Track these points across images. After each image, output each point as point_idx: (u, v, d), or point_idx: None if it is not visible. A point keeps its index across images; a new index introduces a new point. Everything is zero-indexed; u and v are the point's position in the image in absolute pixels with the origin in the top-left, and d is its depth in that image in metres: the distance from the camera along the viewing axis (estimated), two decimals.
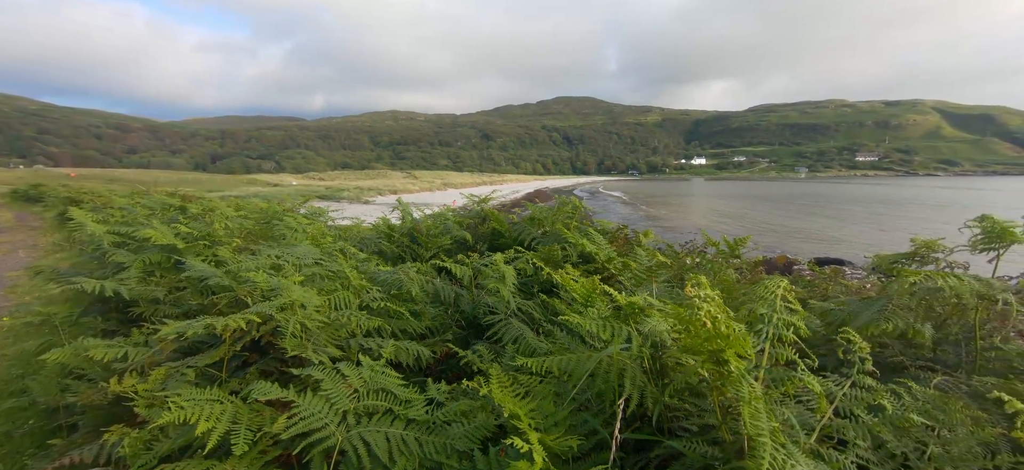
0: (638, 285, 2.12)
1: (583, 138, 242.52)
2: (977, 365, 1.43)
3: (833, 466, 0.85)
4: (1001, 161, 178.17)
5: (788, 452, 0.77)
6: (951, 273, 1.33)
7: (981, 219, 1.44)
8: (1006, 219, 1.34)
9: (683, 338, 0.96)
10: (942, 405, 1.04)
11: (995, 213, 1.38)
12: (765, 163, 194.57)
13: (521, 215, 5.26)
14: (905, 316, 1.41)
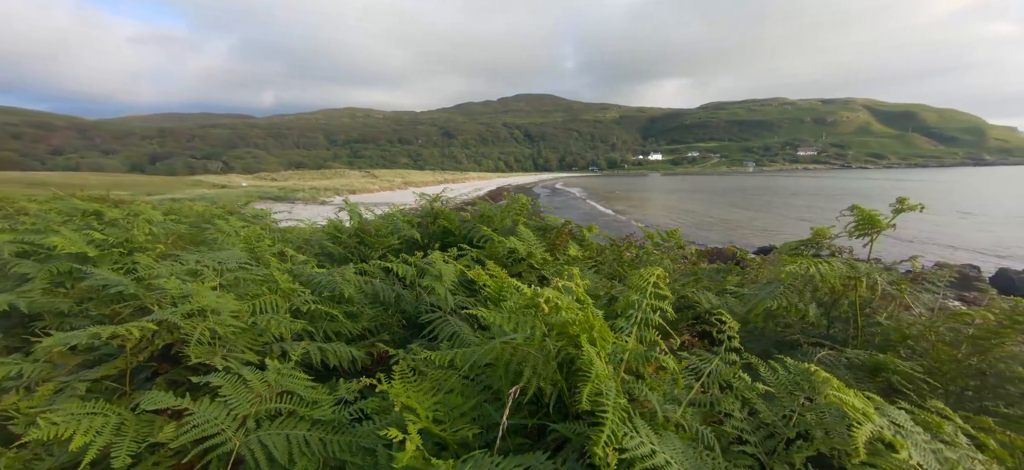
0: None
1: (544, 135, 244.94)
2: (860, 339, 1.59)
3: (684, 436, 0.93)
4: (921, 154, 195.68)
5: (634, 426, 0.84)
6: (822, 259, 1.47)
7: (852, 208, 1.60)
8: (872, 209, 1.49)
9: (555, 326, 1.02)
10: (807, 376, 1.16)
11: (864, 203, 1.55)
12: (716, 158, 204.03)
13: (475, 212, 5.27)
14: (790, 297, 1.55)
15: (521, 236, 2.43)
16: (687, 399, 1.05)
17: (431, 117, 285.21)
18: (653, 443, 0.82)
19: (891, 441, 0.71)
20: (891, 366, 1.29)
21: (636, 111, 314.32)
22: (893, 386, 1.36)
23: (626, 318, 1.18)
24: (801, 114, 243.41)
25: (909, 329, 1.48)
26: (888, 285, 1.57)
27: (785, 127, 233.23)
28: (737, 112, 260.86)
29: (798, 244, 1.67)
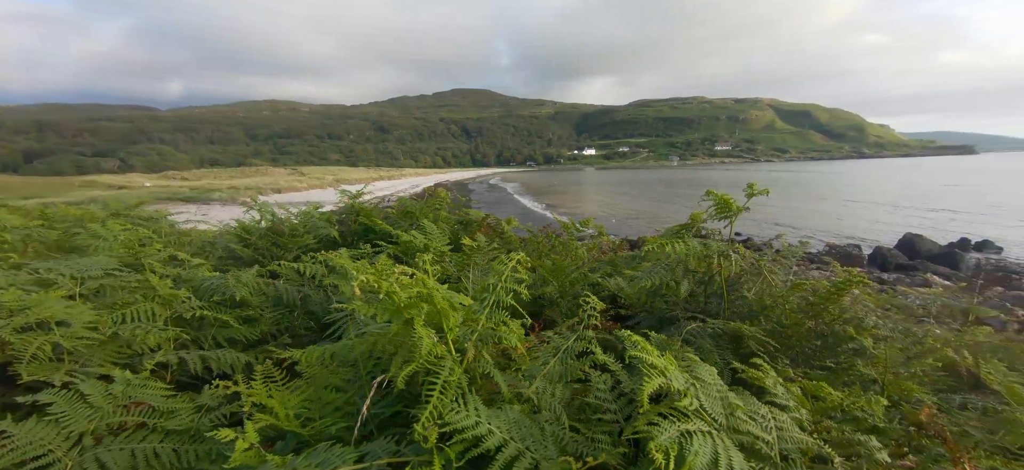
0: (461, 270, 2.22)
1: (481, 130, 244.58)
2: (727, 312, 1.77)
3: (525, 408, 0.99)
4: (816, 148, 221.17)
5: (465, 402, 0.88)
6: (680, 239, 1.62)
7: (708, 194, 1.78)
8: (725, 193, 1.68)
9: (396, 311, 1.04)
10: (665, 345, 1.28)
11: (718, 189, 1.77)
12: (645, 153, 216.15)
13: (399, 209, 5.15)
14: (664, 276, 1.70)
15: (424, 230, 2.42)
16: (542, 373, 1.12)
17: (363, 111, 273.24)
18: (479, 416, 0.86)
19: (679, 390, 0.81)
20: (745, 333, 1.46)
21: (570, 107, 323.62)
22: (751, 351, 1.54)
23: (480, 301, 1.22)
24: (717, 112, 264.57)
25: (765, 300, 1.69)
26: (745, 261, 1.78)
27: (704, 124, 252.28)
28: (662, 109, 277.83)
29: (678, 228, 1.83)
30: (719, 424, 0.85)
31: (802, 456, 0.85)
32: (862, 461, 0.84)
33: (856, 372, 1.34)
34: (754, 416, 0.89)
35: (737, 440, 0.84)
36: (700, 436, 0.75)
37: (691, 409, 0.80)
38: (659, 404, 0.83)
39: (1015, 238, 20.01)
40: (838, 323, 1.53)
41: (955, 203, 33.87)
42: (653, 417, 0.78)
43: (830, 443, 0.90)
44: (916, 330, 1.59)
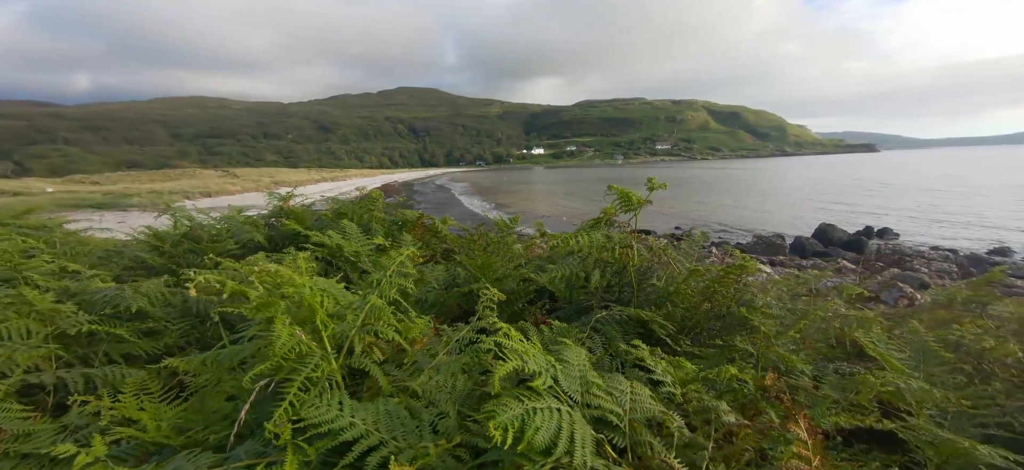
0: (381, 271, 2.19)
1: (429, 130, 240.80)
2: (636, 299, 1.87)
3: (401, 400, 1.01)
4: (745, 147, 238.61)
5: (330, 397, 0.88)
6: (584, 233, 1.71)
7: (610, 189, 1.89)
8: (627, 188, 1.78)
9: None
10: (567, 333, 1.34)
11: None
12: (591, 152, 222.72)
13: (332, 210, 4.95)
14: (573, 267, 1.77)
15: (344, 231, 2.35)
16: (430, 366, 1.13)
17: (303, 109, 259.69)
18: (343, 411, 0.86)
19: (534, 372, 0.86)
20: (645, 318, 1.56)
21: (519, 107, 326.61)
22: (656, 334, 1.64)
23: (363, 296, 1.22)
24: (657, 113, 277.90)
25: (669, 287, 1.81)
26: (652, 252, 1.90)
27: (645, 124, 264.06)
28: (606, 110, 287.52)
29: (592, 222, 1.91)
30: (575, 401, 0.90)
31: (654, 422, 0.93)
32: (711, 425, 0.93)
33: (738, 347, 1.47)
34: (612, 391, 0.96)
35: (590, 415, 0.90)
36: (544, 412, 0.80)
37: (543, 388, 0.84)
38: (519, 387, 0.87)
39: (908, 227, 22.70)
40: (732, 304, 1.67)
41: (859, 196, 37.91)
42: (506, 399, 0.81)
43: (691, 409, 0.99)
44: (802, 307, 1.77)
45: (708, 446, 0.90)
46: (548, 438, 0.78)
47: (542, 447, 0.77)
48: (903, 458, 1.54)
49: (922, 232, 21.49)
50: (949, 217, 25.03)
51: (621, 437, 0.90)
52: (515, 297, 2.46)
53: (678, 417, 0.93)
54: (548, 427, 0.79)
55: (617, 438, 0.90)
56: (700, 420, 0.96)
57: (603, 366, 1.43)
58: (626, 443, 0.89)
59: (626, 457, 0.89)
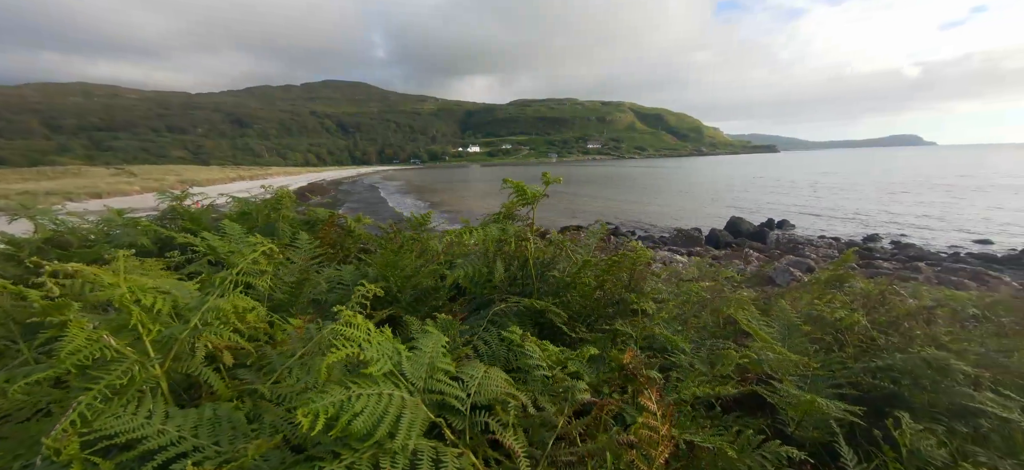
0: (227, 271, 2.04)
1: (360, 126, 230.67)
2: (537, 291, 1.90)
3: (240, 403, 0.95)
4: (668, 146, 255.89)
5: (135, 398, 0.81)
6: (479, 228, 1.71)
7: (506, 182, 1.91)
8: (521, 182, 1.80)
9: None
10: (449, 327, 1.33)
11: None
12: (527, 150, 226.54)
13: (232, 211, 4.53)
14: (475, 263, 1.77)
15: (227, 232, 2.15)
16: (283, 366, 1.06)
17: (214, 101, 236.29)
18: (147, 419, 0.78)
19: (369, 359, 0.84)
20: (542, 307, 1.59)
21: (454, 104, 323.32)
22: (553, 324, 1.67)
23: (204, 295, 1.13)
24: (588, 113, 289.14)
25: (567, 278, 1.86)
26: (553, 245, 1.95)
27: (577, 124, 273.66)
28: (540, 109, 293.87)
29: (496, 216, 1.90)
30: (416, 387, 0.89)
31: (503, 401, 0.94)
32: (567, 402, 0.96)
33: (619, 330, 1.54)
34: (462, 377, 0.96)
35: (431, 399, 0.90)
36: (369, 398, 0.78)
37: (379, 374, 0.83)
38: (354, 375, 0.84)
39: (801, 220, 25.68)
40: (622, 291, 1.76)
41: (763, 192, 42.27)
42: (332, 387, 0.78)
43: (559, 389, 1.02)
44: (685, 291, 1.91)
45: (560, 421, 0.93)
46: (369, 424, 0.76)
47: (362, 433, 0.75)
48: (773, 419, 1.72)
49: (813, 224, 24.45)
50: (832, 211, 28.73)
51: (461, 420, 0.90)
52: (428, 295, 2.40)
53: (524, 397, 0.95)
54: (371, 412, 0.77)
55: (457, 421, 0.91)
56: (560, 399, 0.99)
57: (497, 356, 1.43)
58: (465, 425, 0.89)
59: (463, 438, 0.89)
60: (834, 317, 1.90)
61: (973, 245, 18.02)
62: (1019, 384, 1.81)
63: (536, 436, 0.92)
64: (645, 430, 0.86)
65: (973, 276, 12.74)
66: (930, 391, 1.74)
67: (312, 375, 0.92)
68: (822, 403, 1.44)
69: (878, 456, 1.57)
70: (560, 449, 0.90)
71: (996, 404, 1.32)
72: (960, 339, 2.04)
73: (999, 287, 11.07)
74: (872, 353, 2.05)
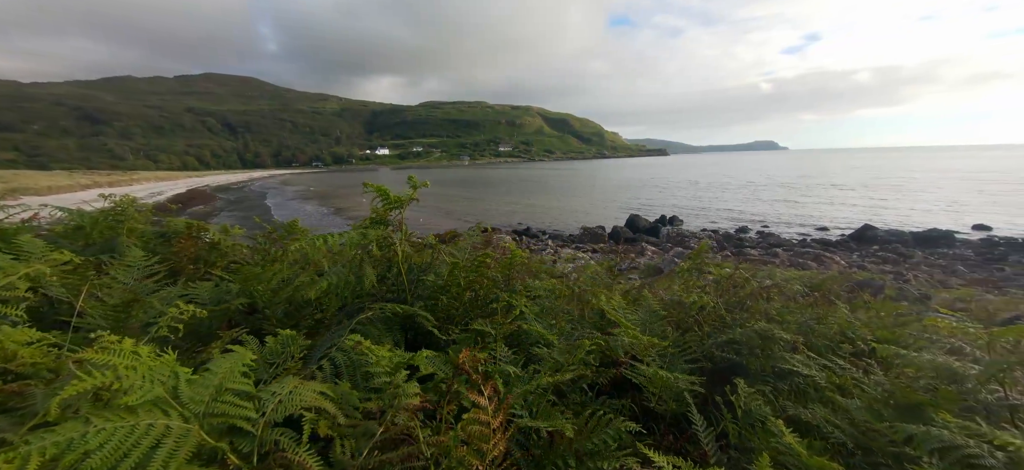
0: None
1: (250, 126, 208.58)
2: (411, 296, 1.84)
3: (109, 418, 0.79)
4: (574, 150, 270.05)
5: None
6: (334, 235, 1.63)
7: (366, 187, 1.84)
8: (384, 186, 1.75)
9: None
10: (290, 343, 1.23)
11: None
12: (438, 153, 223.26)
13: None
14: (340, 273, 1.67)
15: (23, 247, 1.76)
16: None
17: (55, 92, 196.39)
18: None
19: (123, 388, 0.75)
20: (404, 312, 1.54)
21: (359, 104, 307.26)
22: (422, 327, 1.62)
23: None
24: (498, 117, 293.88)
25: (440, 281, 1.83)
26: (427, 250, 1.92)
27: (487, 127, 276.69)
28: (450, 112, 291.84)
29: (367, 221, 1.80)
30: (196, 412, 0.81)
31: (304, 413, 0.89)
32: (399, 409, 0.94)
33: (481, 330, 1.56)
34: (261, 396, 0.89)
35: (214, 424, 0.82)
36: (109, 431, 0.68)
37: (141, 403, 0.73)
38: (108, 406, 0.73)
39: (688, 216, 28.75)
40: (496, 290, 1.78)
41: (657, 192, 46.61)
42: (68, 424, 0.67)
43: (390, 396, 0.99)
44: (552, 287, 1.99)
45: (378, 430, 0.89)
46: (111, 460, 0.65)
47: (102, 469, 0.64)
48: (640, 396, 1.85)
49: (697, 219, 27.51)
50: (711, 207, 32.66)
51: (250, 443, 0.82)
52: (302, 308, 2.20)
53: (333, 408, 0.90)
54: (116, 447, 0.66)
55: (245, 443, 0.83)
56: (387, 404, 0.95)
57: (357, 366, 1.34)
58: (252, 447, 0.82)
59: (249, 461, 0.81)
60: (689, 301, 2.11)
61: (815, 232, 21.67)
62: (826, 344, 2.16)
63: (360, 445, 0.86)
64: (475, 426, 0.85)
65: (815, 258, 15.27)
66: (761, 358, 1.99)
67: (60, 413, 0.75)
68: (672, 378, 1.57)
69: (724, 419, 1.76)
70: (372, 457, 0.85)
71: (801, 364, 1.55)
72: (787, 312, 2.38)
73: (831, 266, 13.39)
74: (721, 329, 2.30)
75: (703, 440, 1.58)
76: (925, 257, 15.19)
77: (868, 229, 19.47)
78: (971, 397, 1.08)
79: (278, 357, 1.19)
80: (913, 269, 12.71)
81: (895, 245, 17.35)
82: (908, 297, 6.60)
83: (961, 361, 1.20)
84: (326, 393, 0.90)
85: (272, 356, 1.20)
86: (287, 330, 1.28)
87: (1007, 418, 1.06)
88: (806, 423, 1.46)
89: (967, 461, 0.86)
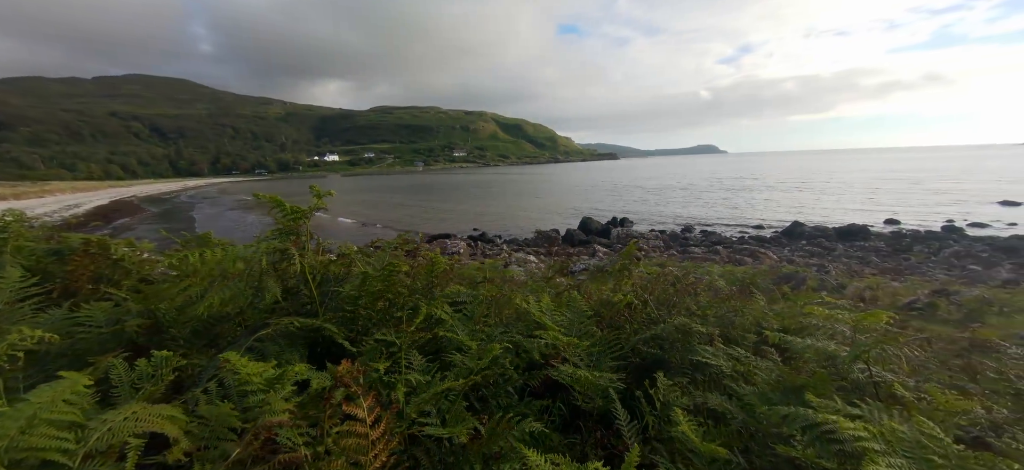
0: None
1: (184, 131, 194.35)
2: (322, 308, 1.75)
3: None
4: (528, 154, 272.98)
5: None
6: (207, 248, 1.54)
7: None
8: (278, 196, 1.67)
9: None
10: (164, 361, 1.14)
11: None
12: (391, 159, 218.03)
13: None
14: (236, 286, 1.56)
15: None
16: None
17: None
18: None
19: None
20: (304, 324, 1.46)
21: (305, 109, 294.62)
22: (333, 338, 1.55)
23: None
24: (452, 122, 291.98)
25: (355, 292, 1.76)
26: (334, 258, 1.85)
27: (442, 132, 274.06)
28: (403, 117, 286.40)
29: (271, 232, 1.70)
30: None
31: None
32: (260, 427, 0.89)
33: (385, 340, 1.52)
34: (88, 424, 0.81)
35: (18, 457, 0.74)
36: None
37: None
38: None
39: (637, 218, 29.83)
40: (415, 298, 1.74)
41: (607, 194, 48.08)
42: None
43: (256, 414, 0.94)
44: (490, 291, 1.98)
45: (233, 451, 0.84)
46: None
47: None
48: (569, 395, 1.86)
49: (645, 220, 28.60)
50: (659, 208, 34.14)
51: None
52: (214, 325, 2.04)
53: (177, 430, 0.83)
54: None
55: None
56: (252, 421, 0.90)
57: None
58: None
59: None
60: (615, 299, 2.15)
61: (752, 230, 23.16)
62: (741, 336, 2.27)
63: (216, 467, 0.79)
64: (352, 439, 0.81)
65: (751, 254, 16.28)
66: (681, 351, 2.07)
67: None
68: (591, 376, 1.59)
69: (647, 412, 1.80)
70: None
71: (711, 355, 1.61)
72: (708, 307, 2.49)
73: (765, 260, 14.32)
74: (648, 326, 2.37)
75: (625, 433, 1.61)
76: (845, 249, 16.62)
77: (797, 226, 21.05)
78: (844, 377, 1.18)
79: (148, 380, 1.08)
80: (834, 261, 13.86)
81: (820, 239, 18.85)
82: (827, 287, 7.17)
83: (838, 345, 1.31)
84: (174, 416, 0.82)
85: (142, 379, 1.09)
86: (163, 352, 1.17)
87: (872, 392, 1.16)
88: (714, 410, 1.52)
89: (826, 436, 0.93)
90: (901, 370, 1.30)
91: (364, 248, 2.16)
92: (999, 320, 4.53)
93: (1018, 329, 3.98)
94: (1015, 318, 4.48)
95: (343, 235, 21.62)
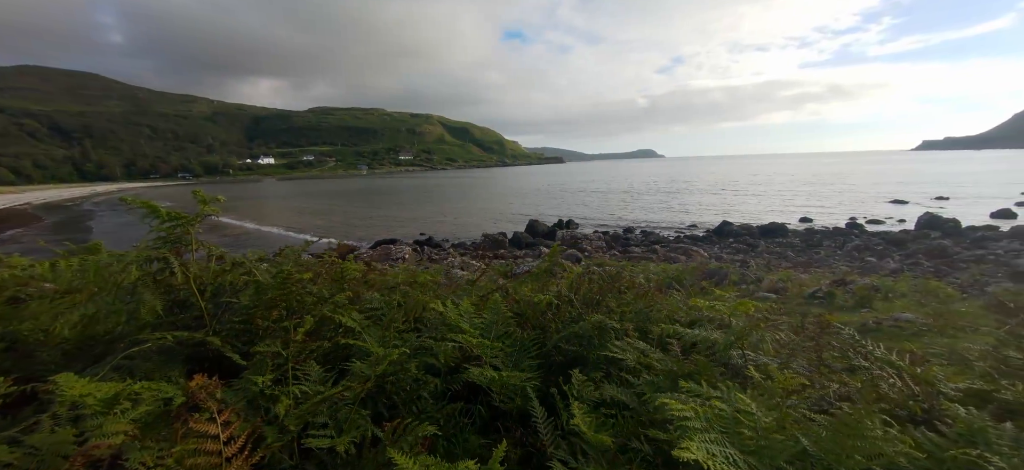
0: None
1: (91, 130, 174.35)
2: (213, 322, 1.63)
3: None
4: (475, 158, 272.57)
5: None
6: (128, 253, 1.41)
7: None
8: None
9: None
10: None
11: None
12: (332, 162, 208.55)
13: None
14: (104, 300, 1.42)
15: None
16: None
17: None
18: None
19: None
20: (185, 338, 1.35)
21: (235, 108, 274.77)
22: (219, 352, 1.44)
23: None
24: (397, 125, 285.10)
25: (253, 300, 1.66)
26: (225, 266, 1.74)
27: (387, 135, 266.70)
28: (344, 118, 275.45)
29: (144, 241, 1.56)
30: None
31: None
32: (86, 451, 0.82)
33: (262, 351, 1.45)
34: None
35: None
36: None
37: None
38: None
39: (582, 220, 30.69)
40: (317, 308, 1.67)
41: (553, 197, 49.10)
42: None
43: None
44: (411, 295, 1.94)
45: None
46: None
47: None
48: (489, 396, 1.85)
49: (589, 222, 29.51)
50: (602, 210, 35.40)
51: None
52: (93, 344, 1.82)
53: None
54: None
55: None
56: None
57: None
58: None
59: None
60: (536, 300, 2.18)
61: (686, 230, 24.62)
62: (656, 331, 2.37)
63: None
64: (200, 457, 0.75)
65: (685, 252, 17.27)
66: (598, 347, 2.13)
67: None
68: (500, 376, 1.60)
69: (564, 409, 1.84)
70: None
71: (619, 350, 1.68)
72: (625, 304, 2.58)
73: (696, 257, 15.23)
74: (571, 324, 2.43)
75: (542, 431, 1.63)
76: (767, 246, 18.11)
77: (726, 225, 22.64)
78: (724, 363, 1.28)
79: None
80: (757, 257, 15.04)
81: (746, 237, 20.39)
82: (747, 280, 7.76)
83: (722, 333, 1.42)
84: None
85: None
86: None
87: (744, 376, 1.28)
88: (621, 401, 1.58)
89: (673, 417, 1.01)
90: (767, 354, 1.43)
91: (272, 256, 2.03)
92: (883, 304, 5.14)
93: (897, 312, 4.53)
94: (895, 302, 5.10)
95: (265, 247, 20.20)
